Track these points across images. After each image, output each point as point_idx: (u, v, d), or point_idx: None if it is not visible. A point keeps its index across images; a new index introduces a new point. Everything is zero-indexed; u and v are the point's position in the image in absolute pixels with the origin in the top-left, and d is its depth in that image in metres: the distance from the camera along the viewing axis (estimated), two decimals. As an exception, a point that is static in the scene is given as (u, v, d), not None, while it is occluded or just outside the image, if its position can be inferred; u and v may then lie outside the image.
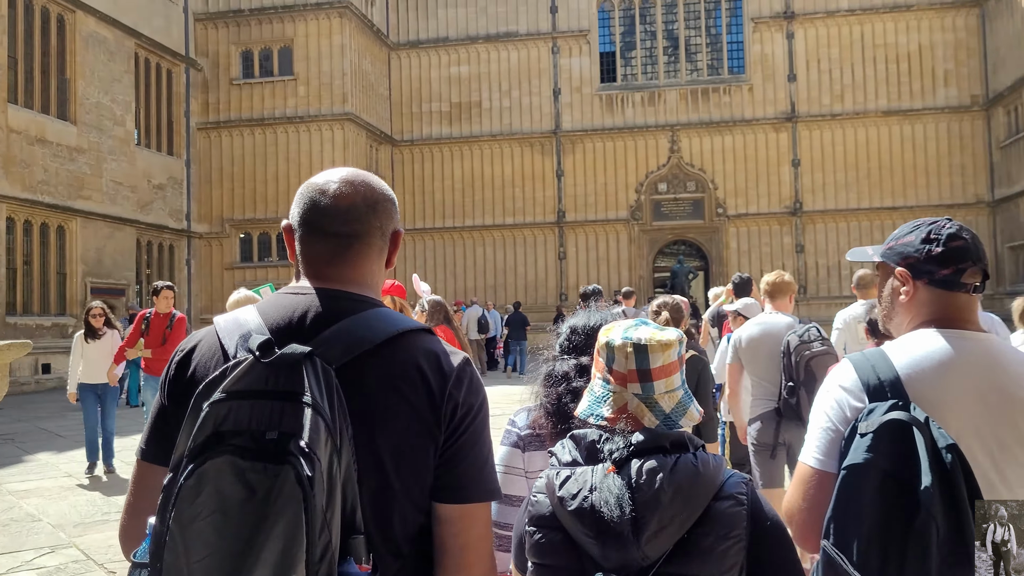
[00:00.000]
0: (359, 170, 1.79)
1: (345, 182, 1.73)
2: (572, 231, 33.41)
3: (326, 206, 1.70)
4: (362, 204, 1.72)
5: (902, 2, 31.81)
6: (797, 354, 5.76)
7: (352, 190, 1.72)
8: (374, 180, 1.78)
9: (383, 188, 1.79)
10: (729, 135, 32.62)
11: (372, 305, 1.69)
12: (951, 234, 2.13)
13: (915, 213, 31.34)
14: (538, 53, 33.85)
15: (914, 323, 2.15)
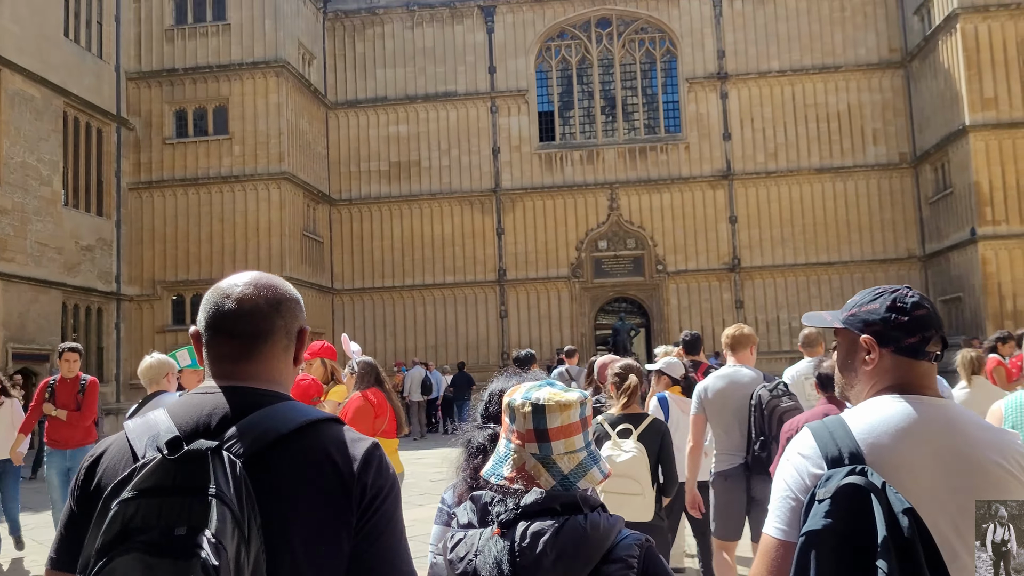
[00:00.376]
0: (264, 273, 1.88)
1: (248, 285, 1.81)
2: (513, 289, 33.23)
3: (229, 309, 1.78)
4: (265, 305, 1.79)
5: (830, 63, 32.70)
6: (768, 408, 5.74)
7: (255, 292, 1.80)
8: (278, 282, 1.87)
9: (287, 289, 1.87)
10: (667, 192, 32.94)
11: (280, 399, 1.75)
12: (915, 303, 2.16)
13: (850, 268, 31.91)
14: (477, 112, 33.97)
15: (875, 389, 2.15)
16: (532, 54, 34.07)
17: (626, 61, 34.20)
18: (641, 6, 33.68)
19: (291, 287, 1.89)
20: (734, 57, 33.12)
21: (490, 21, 34.06)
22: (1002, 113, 27.22)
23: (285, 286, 1.87)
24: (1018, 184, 27.03)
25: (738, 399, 6.07)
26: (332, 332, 33.29)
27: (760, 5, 33.14)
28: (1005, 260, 27.01)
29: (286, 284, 1.89)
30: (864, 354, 2.16)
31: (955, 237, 28.86)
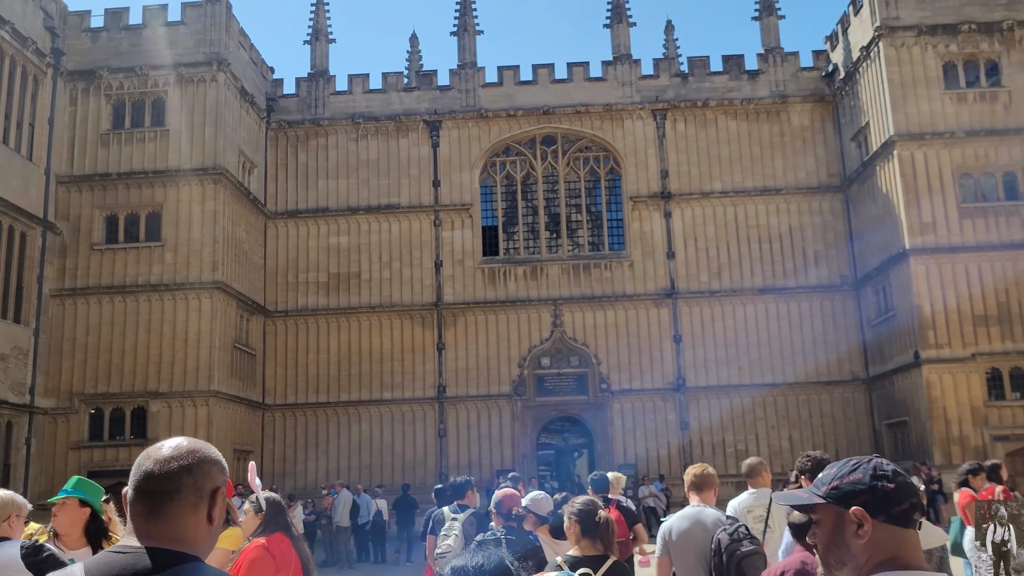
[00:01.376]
0: (193, 439, 2.05)
1: (169, 447, 2.01)
2: (453, 407, 32.08)
3: (145, 469, 1.97)
4: (177, 466, 1.96)
5: (772, 186, 33.10)
6: (728, 552, 5.62)
7: (173, 453, 1.98)
8: (199, 445, 2.04)
9: (206, 452, 2.03)
10: (611, 310, 32.50)
11: (187, 560, 1.91)
12: (895, 470, 2.13)
13: (795, 391, 31.51)
14: (420, 225, 33.51)
15: (872, 563, 2.08)
16: (477, 169, 33.96)
17: (571, 178, 34.26)
18: (586, 125, 33.99)
19: (213, 451, 2.04)
20: (677, 177, 33.38)
21: (435, 135, 34.01)
22: (940, 238, 27.52)
23: (205, 449, 2.02)
24: (959, 308, 27.10)
25: (702, 542, 5.92)
26: (261, 449, 31.63)
27: (702, 127, 33.66)
28: (949, 384, 26.80)
29: (207, 447, 2.03)
30: (855, 527, 2.08)
31: (899, 360, 28.71)
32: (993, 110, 28.30)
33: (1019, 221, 27.60)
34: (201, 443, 2.04)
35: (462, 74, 34.61)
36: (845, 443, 31.10)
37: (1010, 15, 28.57)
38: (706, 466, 6.47)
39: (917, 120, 28.20)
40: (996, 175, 28.05)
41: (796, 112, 33.71)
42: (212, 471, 1.99)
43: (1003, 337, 26.92)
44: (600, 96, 34.10)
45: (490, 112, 34.03)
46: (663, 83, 34.15)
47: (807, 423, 31.65)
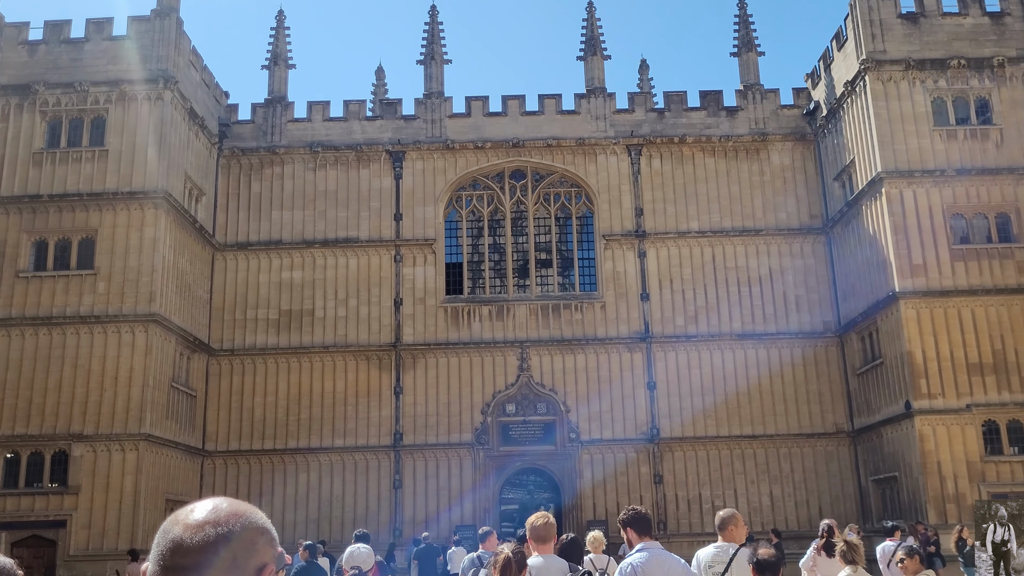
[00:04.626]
0: (234, 500, 1.66)
1: (204, 509, 1.63)
2: (410, 456, 29.69)
3: (175, 537, 1.58)
4: (213, 534, 1.58)
5: (751, 227, 31.50)
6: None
7: (209, 517, 1.60)
8: (243, 508, 1.66)
9: (251, 517, 1.65)
10: (582, 354, 30.47)
11: None
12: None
13: (775, 443, 29.59)
14: (380, 261, 31.42)
15: None
16: (442, 203, 32.05)
17: (540, 214, 32.45)
18: (557, 160, 32.29)
19: (261, 516, 1.66)
20: (652, 215, 31.69)
21: (398, 167, 32.12)
22: (932, 281, 25.94)
23: (250, 513, 1.65)
24: (952, 356, 25.41)
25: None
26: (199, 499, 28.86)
27: (679, 165, 32.11)
28: (944, 437, 24.97)
29: (253, 512, 1.66)
30: None
31: (888, 411, 26.88)
32: (984, 148, 26.99)
33: (1014, 264, 26.12)
34: (245, 506, 1.66)
35: (428, 104, 32.88)
36: (829, 499, 29.11)
37: (1000, 51, 27.45)
38: (548, 515, 6.44)
39: (906, 157, 26.80)
40: (989, 216, 26.62)
41: (776, 151, 32.28)
42: (258, 543, 1.62)
43: (999, 387, 25.22)
44: (572, 130, 32.48)
45: (457, 144, 32.26)
46: (638, 118, 32.64)
47: (788, 478, 29.63)
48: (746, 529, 7.70)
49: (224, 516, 1.61)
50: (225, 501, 1.66)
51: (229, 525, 1.60)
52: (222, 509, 1.63)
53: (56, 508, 24.76)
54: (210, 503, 1.64)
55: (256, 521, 1.65)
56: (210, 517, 1.60)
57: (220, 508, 1.63)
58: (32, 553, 24.66)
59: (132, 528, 24.53)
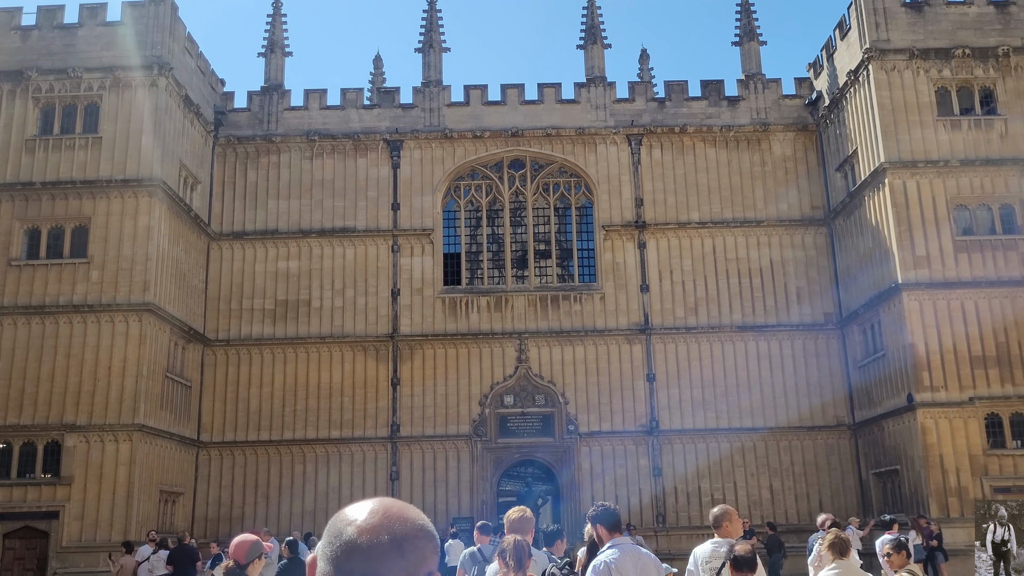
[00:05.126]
0: (397, 501, 1.70)
1: (376, 512, 1.65)
2: (407, 448, 29.43)
3: (349, 539, 1.61)
4: (388, 540, 1.61)
5: (752, 218, 31.20)
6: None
7: (382, 521, 1.63)
8: (412, 513, 1.69)
9: (421, 522, 1.68)
10: (580, 346, 30.19)
11: None
12: None
13: (776, 436, 29.37)
14: (377, 251, 31.10)
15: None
16: (440, 192, 31.72)
17: (539, 205, 32.12)
18: (556, 149, 31.96)
19: (427, 522, 1.69)
20: (652, 206, 31.37)
21: (396, 156, 31.78)
22: (935, 272, 25.64)
23: (419, 520, 1.68)
24: (956, 348, 25.13)
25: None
26: (193, 491, 28.72)
27: (679, 155, 31.78)
28: (946, 430, 24.71)
29: (421, 517, 1.69)
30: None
31: (889, 404, 26.62)
32: (989, 139, 26.67)
33: (1017, 256, 25.83)
34: (413, 510, 1.69)
35: (426, 92, 32.52)
36: (829, 493, 28.89)
37: (1005, 40, 27.12)
38: (525, 509, 6.48)
39: (909, 147, 26.48)
40: (993, 207, 26.32)
41: (778, 141, 31.96)
42: (427, 551, 1.65)
43: (1002, 380, 24.95)
44: (572, 119, 32.13)
45: (455, 133, 31.91)
46: (639, 107, 32.30)
47: (788, 471, 29.38)
48: (741, 523, 7.78)
49: (397, 522, 1.63)
50: (394, 504, 1.68)
51: (403, 532, 1.62)
52: (393, 513, 1.65)
53: (49, 499, 24.47)
54: (379, 504, 1.66)
55: (426, 527, 1.68)
56: (384, 522, 1.62)
57: (392, 512, 1.65)
58: (24, 544, 24.41)
59: (125, 519, 24.25)
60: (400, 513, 1.66)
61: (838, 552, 7.57)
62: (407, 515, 1.66)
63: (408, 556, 1.61)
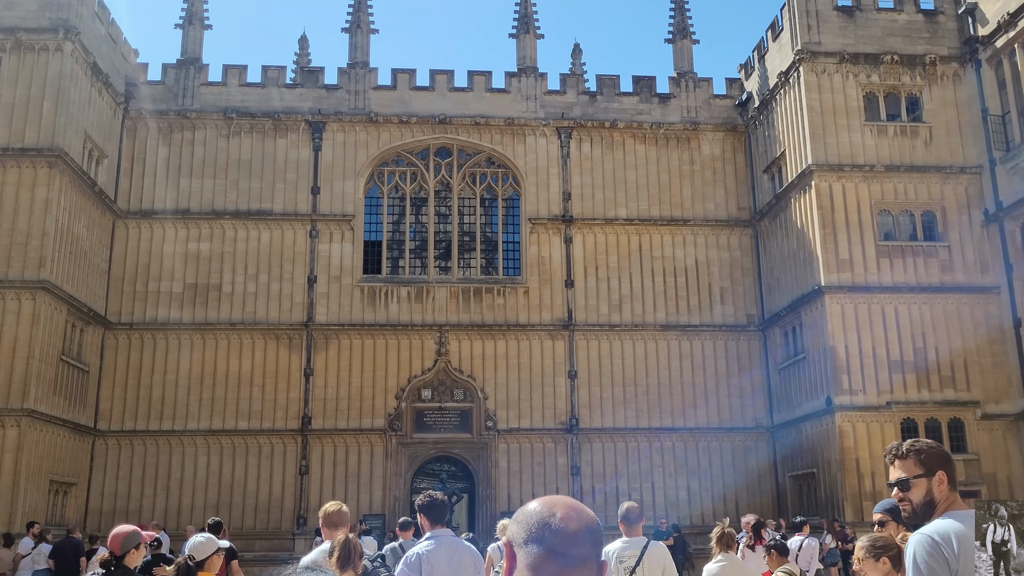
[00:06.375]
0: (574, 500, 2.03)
1: (576, 506, 2.01)
2: (318, 441, 28.32)
3: (576, 530, 1.95)
4: (590, 532, 1.97)
5: (679, 217, 30.94)
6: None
7: (587, 517, 2.00)
8: (588, 509, 2.03)
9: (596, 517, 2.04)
10: (502, 340, 29.50)
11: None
12: None
13: (694, 436, 29.18)
14: (294, 236, 29.90)
15: None
16: (362, 178, 30.66)
17: (465, 195, 31.32)
18: (485, 139, 31.20)
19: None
20: (580, 201, 30.87)
21: (318, 138, 30.61)
22: (857, 276, 25.66)
23: (594, 515, 2.02)
24: (875, 353, 25.17)
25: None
26: (88, 482, 27.12)
27: (609, 150, 31.34)
28: (863, 434, 24.72)
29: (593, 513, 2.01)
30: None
31: (808, 407, 26.57)
32: (914, 146, 26.83)
33: (937, 263, 26.02)
34: (585, 506, 2.04)
35: (352, 74, 31.42)
36: (746, 495, 28.76)
37: (932, 49, 27.31)
38: (340, 503, 6.35)
39: (836, 150, 26.47)
40: (915, 213, 26.48)
41: (707, 141, 31.78)
42: (603, 540, 2.08)
43: (919, 385, 25.08)
44: (502, 109, 31.42)
45: (381, 117, 30.89)
46: (570, 100, 31.75)
47: (707, 472, 29.18)
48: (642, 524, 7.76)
49: (587, 516, 1.99)
50: (575, 501, 2.02)
51: (593, 523, 1.98)
52: (582, 509, 2.00)
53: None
54: (564, 500, 2.00)
55: (599, 522, 2.03)
56: (580, 515, 1.96)
57: (580, 508, 2.00)
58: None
59: (11, 510, 22.62)
60: (585, 509, 1.99)
61: (724, 545, 7.87)
62: (589, 511, 2.00)
63: (599, 542, 1.96)
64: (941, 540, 3.04)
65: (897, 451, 3.47)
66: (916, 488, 3.34)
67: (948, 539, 3.07)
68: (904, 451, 3.42)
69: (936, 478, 3.32)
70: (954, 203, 26.40)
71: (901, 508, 3.45)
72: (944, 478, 3.33)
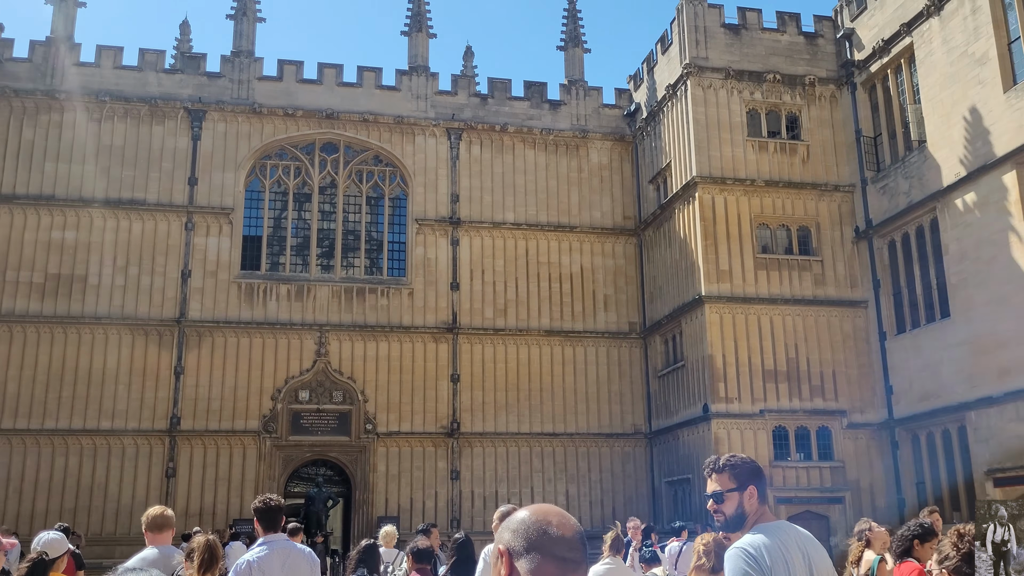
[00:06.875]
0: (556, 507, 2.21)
1: (565, 516, 2.18)
2: (187, 442, 27.10)
3: (559, 535, 2.11)
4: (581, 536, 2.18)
5: (566, 223, 31.10)
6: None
7: (574, 522, 2.19)
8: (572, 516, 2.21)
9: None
10: (384, 342, 28.95)
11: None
12: None
13: (575, 441, 29.33)
14: (168, 228, 28.58)
15: None
16: (244, 170, 29.59)
17: (351, 192, 30.63)
18: (373, 136, 30.61)
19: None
20: (468, 203, 30.65)
21: (197, 127, 29.38)
22: (736, 287, 26.30)
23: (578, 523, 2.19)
24: (750, 361, 25.83)
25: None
26: None
27: (499, 153, 31.25)
28: (737, 441, 25.29)
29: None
30: None
31: (686, 414, 27.06)
32: (792, 163, 27.72)
33: (811, 276, 26.93)
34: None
35: (236, 62, 30.32)
36: (623, 500, 29.06)
37: (812, 71, 28.30)
38: (164, 508, 6.26)
39: (720, 164, 27.09)
40: (791, 228, 27.35)
41: (596, 149, 32.09)
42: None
43: (791, 394, 25.87)
44: (391, 106, 30.90)
45: (265, 108, 29.91)
46: (461, 101, 31.51)
47: (585, 477, 29.36)
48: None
49: (574, 523, 2.13)
50: (560, 509, 2.16)
51: (580, 529, 2.12)
52: (569, 516, 2.14)
53: None
54: (554, 508, 2.14)
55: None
56: (571, 523, 2.11)
57: (568, 515, 2.14)
58: None
59: None
60: (571, 515, 2.16)
61: (614, 549, 8.23)
62: (573, 519, 2.16)
63: (587, 547, 2.13)
64: (756, 553, 3.29)
65: (714, 465, 3.65)
66: (729, 501, 3.54)
67: (760, 552, 3.30)
68: (720, 465, 3.62)
69: (747, 492, 3.52)
70: (828, 219, 27.40)
71: (715, 519, 3.60)
72: (755, 492, 3.53)
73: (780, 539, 3.46)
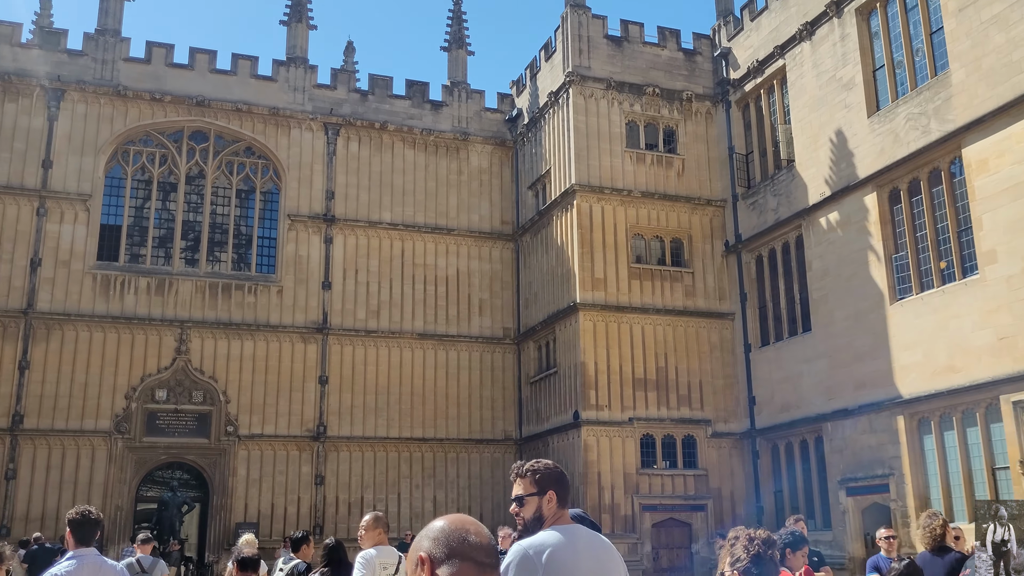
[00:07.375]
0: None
1: (476, 522, 2.28)
2: (31, 442, 25.33)
3: (490, 545, 2.24)
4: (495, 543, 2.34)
5: (443, 225, 30.74)
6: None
7: (484, 529, 2.31)
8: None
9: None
10: (250, 341, 27.85)
11: None
12: None
13: (444, 447, 29.01)
14: (17, 212, 26.72)
15: None
16: (104, 155, 27.99)
17: (220, 184, 29.40)
18: (246, 127, 29.48)
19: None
20: (344, 201, 29.89)
21: (54, 107, 27.61)
22: (610, 295, 26.51)
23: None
24: (621, 369, 26.06)
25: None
26: None
27: (377, 152, 30.63)
28: (606, 448, 25.48)
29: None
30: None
31: (557, 420, 27.08)
32: (668, 176, 28.19)
33: (682, 288, 27.42)
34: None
35: (100, 41, 28.67)
36: (491, 506, 28.82)
37: (689, 87, 28.89)
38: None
39: (598, 173, 27.29)
40: (665, 239, 27.80)
41: (476, 152, 31.88)
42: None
43: (659, 403, 26.24)
44: (267, 97, 29.85)
45: (130, 91, 28.38)
46: (340, 96, 30.73)
47: (454, 483, 29.02)
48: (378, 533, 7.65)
49: (485, 530, 2.25)
50: (471, 517, 2.29)
51: (490, 536, 2.25)
52: (482, 525, 2.26)
53: None
54: (469, 517, 2.27)
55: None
56: (484, 530, 2.23)
57: (480, 524, 2.26)
58: None
59: None
60: (483, 525, 2.26)
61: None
62: (486, 527, 2.27)
63: (498, 553, 2.26)
64: (533, 553, 3.41)
65: (519, 470, 3.75)
66: (528, 505, 3.64)
67: (540, 551, 3.44)
68: (524, 471, 3.72)
69: (547, 497, 3.63)
70: (700, 232, 27.98)
71: (517, 522, 3.69)
72: (554, 497, 3.64)
73: (569, 540, 3.58)
